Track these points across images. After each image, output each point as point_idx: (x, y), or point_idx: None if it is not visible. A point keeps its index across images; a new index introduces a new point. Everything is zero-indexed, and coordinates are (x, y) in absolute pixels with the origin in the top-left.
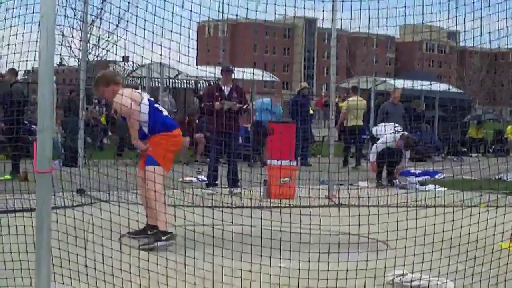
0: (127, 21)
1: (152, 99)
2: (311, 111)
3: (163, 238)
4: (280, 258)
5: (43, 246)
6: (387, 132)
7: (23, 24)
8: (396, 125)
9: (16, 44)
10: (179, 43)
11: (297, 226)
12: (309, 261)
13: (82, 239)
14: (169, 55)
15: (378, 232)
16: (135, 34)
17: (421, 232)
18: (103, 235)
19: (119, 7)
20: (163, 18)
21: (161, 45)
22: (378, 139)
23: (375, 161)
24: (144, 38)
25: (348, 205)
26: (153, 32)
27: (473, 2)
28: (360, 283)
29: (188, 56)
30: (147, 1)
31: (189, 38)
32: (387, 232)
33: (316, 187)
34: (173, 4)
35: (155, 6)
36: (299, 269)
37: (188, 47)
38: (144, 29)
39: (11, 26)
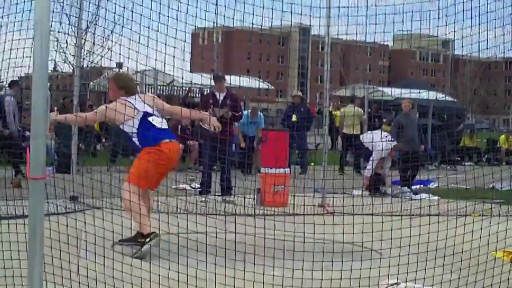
0: (122, 26)
1: (148, 110)
2: (293, 119)
3: (147, 240)
4: (273, 266)
5: (36, 253)
6: (376, 141)
7: (17, 31)
8: (385, 133)
9: (10, 50)
10: (174, 47)
11: (290, 234)
12: (302, 269)
13: (75, 247)
14: (164, 61)
15: (372, 241)
16: (130, 39)
17: (414, 241)
18: (96, 242)
19: (114, 13)
20: (158, 23)
21: (156, 50)
22: (365, 148)
23: (370, 177)
24: (139, 43)
25: (342, 213)
26: (148, 37)
27: (470, 10)
28: None
29: (183, 61)
30: (141, 5)
31: (184, 44)
32: (381, 241)
33: (309, 195)
34: (168, 8)
35: (150, 10)
36: (292, 277)
37: (184, 51)
38: (140, 34)
39: (7, 32)
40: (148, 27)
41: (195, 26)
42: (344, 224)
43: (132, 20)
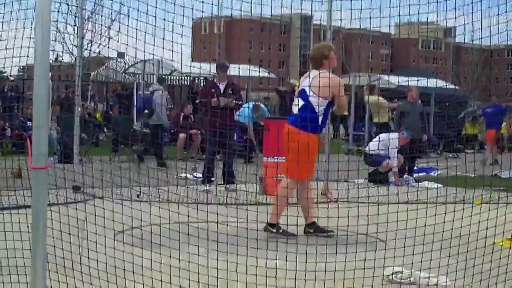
0: (123, 14)
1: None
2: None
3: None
4: (277, 251)
5: (39, 243)
6: (382, 141)
7: (18, 20)
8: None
9: (11, 39)
10: (175, 34)
11: (294, 222)
12: (305, 253)
13: (77, 236)
14: (163, 49)
15: (374, 226)
16: (133, 27)
17: (417, 228)
18: (97, 232)
19: (112, 0)
20: (162, 10)
21: (153, 37)
22: (371, 155)
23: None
24: (143, 32)
25: (348, 201)
26: (154, 25)
27: None
28: (358, 280)
29: (184, 45)
30: None
31: (184, 31)
32: (377, 224)
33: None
34: (166, 1)
35: (147, 5)
36: (295, 261)
37: (184, 37)
38: (138, 21)
39: (10, 21)
40: (145, 14)
41: (193, 10)
42: (347, 211)
43: (134, 8)
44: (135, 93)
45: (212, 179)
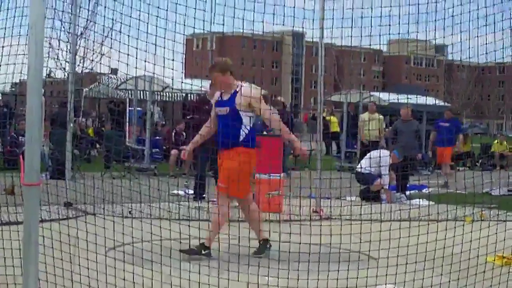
0: (115, 31)
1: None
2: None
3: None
4: (268, 269)
5: (31, 259)
6: (373, 158)
7: (13, 37)
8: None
9: (4, 56)
10: (167, 50)
11: (286, 239)
12: (298, 270)
13: (69, 253)
14: (155, 65)
15: (366, 243)
16: (125, 43)
17: (410, 246)
18: (89, 248)
19: (105, 17)
20: (154, 26)
21: (146, 51)
22: (363, 173)
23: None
24: (136, 48)
25: (341, 219)
26: (146, 42)
27: (470, 13)
28: None
29: (176, 62)
30: (139, 10)
31: (176, 47)
32: (376, 244)
33: (304, 201)
34: (158, 17)
35: (139, 20)
36: (287, 278)
37: (176, 53)
38: (129, 37)
39: (4, 37)
40: (138, 30)
41: (185, 27)
42: (337, 228)
43: (125, 24)
44: (127, 109)
45: (204, 195)
